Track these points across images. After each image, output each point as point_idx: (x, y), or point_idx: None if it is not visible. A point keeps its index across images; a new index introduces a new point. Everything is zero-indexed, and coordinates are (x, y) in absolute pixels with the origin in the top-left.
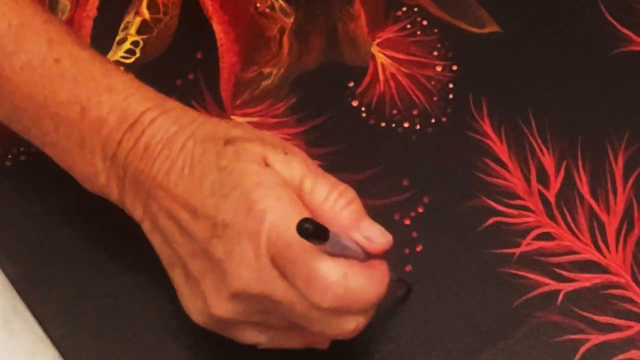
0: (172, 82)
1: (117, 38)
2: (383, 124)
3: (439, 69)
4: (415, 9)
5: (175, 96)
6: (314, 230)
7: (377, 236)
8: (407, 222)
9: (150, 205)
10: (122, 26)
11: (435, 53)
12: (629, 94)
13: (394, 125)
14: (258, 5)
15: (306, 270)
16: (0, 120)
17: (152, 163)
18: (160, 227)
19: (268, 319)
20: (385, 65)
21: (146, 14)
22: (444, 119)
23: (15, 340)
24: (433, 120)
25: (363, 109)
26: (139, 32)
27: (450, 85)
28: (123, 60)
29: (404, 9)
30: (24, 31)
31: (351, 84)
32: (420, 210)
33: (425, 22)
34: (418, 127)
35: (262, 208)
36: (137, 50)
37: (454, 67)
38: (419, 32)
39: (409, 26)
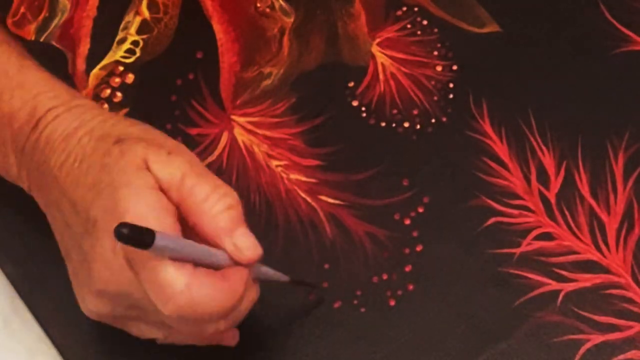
0: (172, 82)
1: (117, 38)
2: (383, 124)
3: (439, 68)
4: (415, 9)
5: (175, 96)
6: (130, 236)
7: (246, 247)
8: (407, 222)
9: (48, 196)
10: (122, 26)
11: (436, 53)
12: (629, 94)
13: (394, 125)
14: (258, 5)
15: (150, 277)
16: None
17: (52, 155)
18: (53, 218)
19: (144, 315)
20: (385, 65)
21: (146, 13)
22: (444, 119)
23: (15, 340)
24: (433, 120)
25: (363, 109)
26: (139, 31)
27: (451, 85)
28: (123, 60)
29: (404, 8)
30: None
31: (351, 84)
32: (420, 210)
33: (425, 22)
34: (418, 126)
35: (123, 208)
36: (137, 50)
37: (454, 67)
38: (419, 32)
39: (409, 26)
